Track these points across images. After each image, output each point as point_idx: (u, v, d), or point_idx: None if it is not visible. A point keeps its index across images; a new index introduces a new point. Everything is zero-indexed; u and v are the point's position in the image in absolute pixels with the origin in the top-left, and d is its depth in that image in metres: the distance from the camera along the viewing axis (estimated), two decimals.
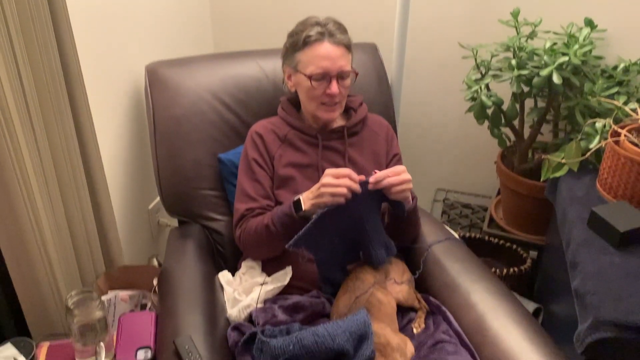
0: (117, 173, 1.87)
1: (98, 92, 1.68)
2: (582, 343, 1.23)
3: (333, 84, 1.55)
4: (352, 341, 1.26)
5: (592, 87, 1.80)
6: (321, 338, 1.23)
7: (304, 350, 1.23)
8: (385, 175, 1.40)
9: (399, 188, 1.41)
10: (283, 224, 1.46)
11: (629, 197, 1.53)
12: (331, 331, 1.25)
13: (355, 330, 1.27)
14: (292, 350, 1.23)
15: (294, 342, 1.23)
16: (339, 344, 1.23)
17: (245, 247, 1.59)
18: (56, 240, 1.49)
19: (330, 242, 1.43)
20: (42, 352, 1.44)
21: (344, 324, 1.28)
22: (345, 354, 1.25)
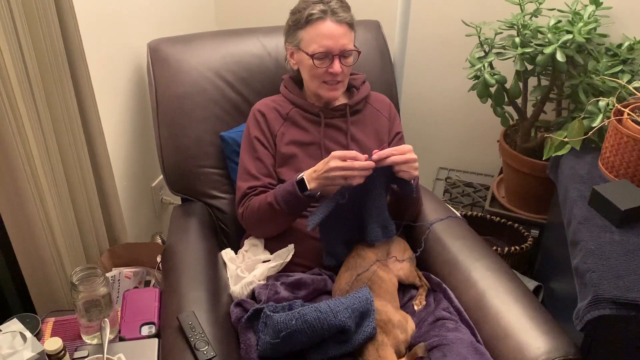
0: (120, 151, 1.87)
1: (100, 70, 1.68)
2: (582, 320, 1.24)
3: (335, 63, 1.54)
4: (354, 318, 1.27)
5: (596, 65, 1.79)
6: (323, 314, 1.24)
7: (306, 325, 1.24)
8: (389, 153, 1.39)
9: (404, 167, 1.41)
10: (287, 202, 1.46)
11: (630, 176, 1.53)
12: (333, 307, 1.26)
13: (358, 307, 1.28)
14: (294, 325, 1.24)
15: (297, 317, 1.25)
16: (341, 320, 1.24)
17: (249, 225, 1.59)
18: (60, 217, 1.50)
19: (336, 217, 1.44)
20: (47, 328, 1.46)
21: (347, 300, 1.29)
22: (347, 330, 1.26)
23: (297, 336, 1.25)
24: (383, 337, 1.27)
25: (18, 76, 1.29)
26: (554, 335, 1.28)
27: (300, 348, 1.29)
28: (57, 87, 1.42)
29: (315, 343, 1.29)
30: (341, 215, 1.46)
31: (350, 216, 1.48)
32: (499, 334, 1.33)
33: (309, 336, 1.25)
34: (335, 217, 1.45)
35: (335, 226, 1.48)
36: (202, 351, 1.24)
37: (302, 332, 1.24)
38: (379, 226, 1.49)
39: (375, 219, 1.48)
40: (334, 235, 1.50)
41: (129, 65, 1.86)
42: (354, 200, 1.44)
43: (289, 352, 1.30)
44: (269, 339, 1.27)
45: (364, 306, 1.30)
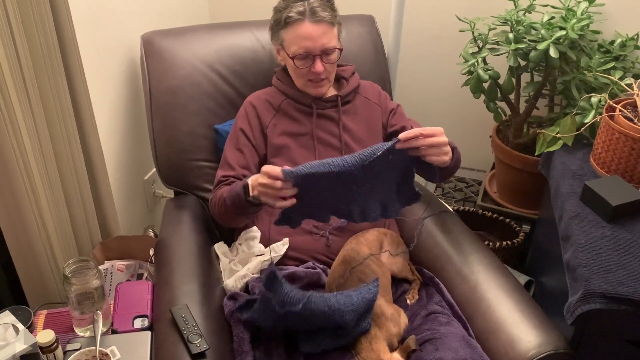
0: (112, 144, 1.86)
1: (94, 63, 1.67)
2: (572, 314, 1.25)
3: (317, 63, 1.54)
4: (355, 319, 1.27)
5: (588, 61, 1.80)
6: (332, 310, 1.23)
7: (310, 314, 1.22)
8: (417, 133, 1.24)
9: (431, 151, 1.27)
10: (234, 203, 1.43)
11: (622, 172, 1.54)
12: (342, 307, 1.24)
13: (363, 311, 1.28)
14: (300, 309, 1.21)
15: (304, 302, 1.21)
16: (346, 321, 1.24)
17: (213, 214, 1.58)
18: (53, 210, 1.49)
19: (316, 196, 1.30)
20: (40, 320, 1.46)
21: (356, 301, 1.26)
22: (346, 327, 1.26)
23: (299, 318, 1.24)
24: (376, 331, 1.28)
25: (11, 69, 1.28)
26: (544, 329, 1.29)
27: (296, 328, 1.30)
28: (50, 80, 1.41)
29: (311, 331, 1.29)
30: (322, 198, 1.31)
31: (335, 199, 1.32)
32: (491, 328, 1.34)
33: (308, 323, 1.25)
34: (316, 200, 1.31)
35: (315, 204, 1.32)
36: (194, 344, 1.24)
37: (306, 318, 1.23)
38: (377, 208, 1.36)
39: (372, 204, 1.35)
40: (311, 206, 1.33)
41: (122, 58, 1.85)
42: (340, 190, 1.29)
43: (280, 331, 1.31)
44: (274, 304, 1.23)
45: (367, 308, 1.30)
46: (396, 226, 1.70)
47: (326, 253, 1.54)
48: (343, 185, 1.27)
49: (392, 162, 1.27)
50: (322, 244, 1.54)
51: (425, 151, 1.26)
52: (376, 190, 1.31)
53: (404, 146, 1.25)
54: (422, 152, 1.26)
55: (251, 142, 1.60)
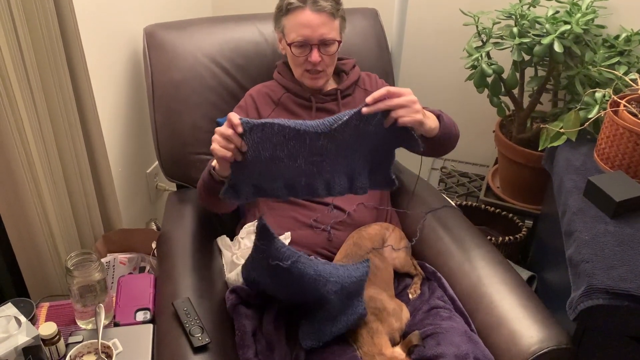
0: (115, 137, 1.86)
1: (96, 55, 1.67)
2: (575, 310, 1.25)
3: (313, 53, 1.53)
4: (340, 294, 1.26)
5: (593, 56, 1.79)
6: (317, 274, 1.21)
7: (297, 273, 1.20)
8: (383, 94, 1.20)
9: (401, 112, 1.21)
10: (204, 182, 1.40)
11: (625, 167, 1.53)
12: (327, 275, 1.23)
13: (348, 286, 1.27)
14: (287, 265, 1.19)
15: (294, 259, 1.20)
16: (327, 291, 1.23)
17: (199, 200, 1.54)
18: (55, 203, 1.49)
19: (270, 165, 1.22)
20: (42, 313, 1.46)
21: (341, 274, 1.25)
22: (328, 302, 1.25)
23: (285, 277, 1.22)
24: (378, 325, 1.28)
25: (14, 61, 1.28)
26: (547, 324, 1.29)
27: (279, 294, 1.31)
28: (53, 72, 1.41)
29: (294, 299, 1.30)
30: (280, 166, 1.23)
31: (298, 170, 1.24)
32: (493, 323, 1.34)
33: (294, 286, 1.25)
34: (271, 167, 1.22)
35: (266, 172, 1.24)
36: (196, 337, 1.24)
37: (292, 277, 1.21)
38: (343, 178, 1.29)
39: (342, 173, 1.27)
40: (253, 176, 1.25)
41: (125, 50, 1.84)
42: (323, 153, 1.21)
43: (267, 292, 1.33)
44: (267, 256, 1.21)
45: (353, 287, 1.28)
46: (398, 221, 1.69)
47: (328, 247, 1.53)
48: (303, 155, 1.20)
49: (364, 133, 1.21)
50: (324, 238, 1.54)
51: (395, 113, 1.21)
52: (343, 163, 1.25)
53: (372, 109, 1.19)
54: (393, 114, 1.21)
55: None
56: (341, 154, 1.23)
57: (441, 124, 1.41)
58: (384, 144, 1.26)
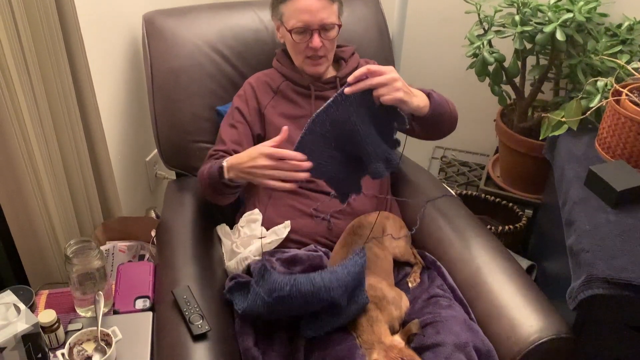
0: (114, 125, 1.85)
1: (95, 43, 1.65)
2: (575, 299, 1.25)
3: (315, 38, 1.52)
4: (347, 293, 1.27)
5: (595, 45, 1.78)
6: (316, 288, 1.23)
7: (299, 295, 1.22)
8: (363, 73, 1.22)
9: (382, 90, 1.23)
10: (212, 182, 1.42)
11: (627, 157, 1.53)
12: (327, 283, 1.24)
13: (351, 283, 1.28)
14: (287, 291, 1.22)
15: (291, 284, 1.22)
16: (333, 297, 1.24)
17: (199, 187, 1.55)
18: (54, 191, 1.49)
19: (330, 159, 1.31)
20: (41, 300, 1.46)
21: (341, 275, 1.26)
22: (339, 304, 1.26)
23: (289, 302, 1.24)
24: (377, 314, 1.28)
25: (12, 50, 1.27)
26: (546, 313, 1.29)
27: (291, 314, 1.30)
28: (52, 61, 1.40)
29: (308, 313, 1.29)
30: (337, 158, 1.31)
31: (348, 156, 1.32)
32: (492, 312, 1.34)
33: (301, 305, 1.25)
34: (333, 164, 1.32)
35: (337, 172, 1.33)
36: (196, 325, 1.24)
37: (295, 299, 1.23)
38: (381, 160, 1.33)
39: (374, 156, 1.31)
40: (339, 180, 1.36)
41: (124, 37, 1.83)
42: (343, 141, 1.28)
43: (278, 318, 1.31)
44: (263, 295, 1.25)
45: (356, 280, 1.29)
46: (398, 209, 1.69)
47: (328, 236, 1.53)
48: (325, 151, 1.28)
49: (361, 114, 1.25)
50: (324, 227, 1.54)
51: (376, 92, 1.23)
52: (369, 147, 1.29)
53: (353, 89, 1.22)
54: (375, 93, 1.23)
55: (246, 120, 1.59)
56: (354, 140, 1.27)
57: (431, 102, 1.40)
58: (381, 125, 1.29)
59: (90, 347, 1.29)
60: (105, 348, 1.28)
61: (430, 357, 1.23)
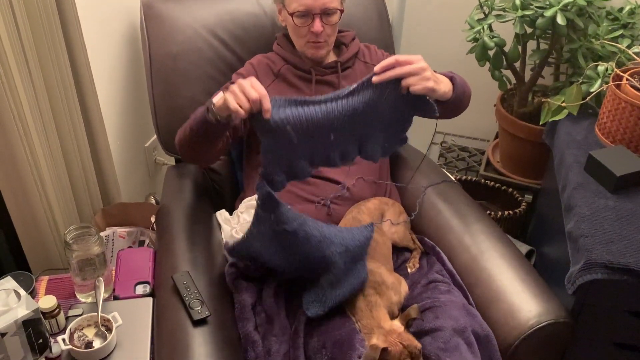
0: (113, 110, 1.85)
1: (93, 28, 1.64)
2: (574, 284, 1.25)
3: (316, 22, 1.51)
4: (344, 256, 1.27)
5: (596, 29, 1.77)
6: (322, 236, 1.24)
7: (303, 235, 1.23)
8: (393, 62, 1.20)
9: (412, 80, 1.20)
10: (195, 122, 1.37)
11: (627, 142, 1.53)
12: (332, 237, 1.25)
13: (352, 249, 1.28)
14: (294, 227, 1.22)
15: (300, 221, 1.23)
16: (333, 253, 1.24)
17: (177, 146, 1.50)
18: (53, 177, 1.49)
19: (291, 146, 1.22)
20: (41, 286, 1.47)
21: (346, 236, 1.28)
22: (332, 264, 1.26)
23: (291, 240, 1.24)
24: (377, 298, 1.28)
25: (9, 34, 1.26)
26: (545, 298, 1.29)
27: (284, 262, 1.31)
28: (49, 46, 1.39)
29: (298, 265, 1.31)
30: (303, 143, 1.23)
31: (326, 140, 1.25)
32: (491, 297, 1.34)
33: (300, 250, 1.26)
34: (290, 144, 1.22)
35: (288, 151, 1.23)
36: (196, 310, 1.24)
37: (298, 239, 1.23)
38: (379, 145, 1.31)
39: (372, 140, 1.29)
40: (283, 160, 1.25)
41: (122, 22, 1.82)
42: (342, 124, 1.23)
43: (267, 264, 1.33)
44: (272, 221, 1.23)
45: (358, 251, 1.30)
46: (398, 195, 1.69)
47: (327, 222, 1.53)
48: (319, 132, 1.22)
49: (380, 103, 1.22)
50: (324, 212, 1.54)
51: (405, 81, 1.20)
52: (361, 134, 1.27)
53: (381, 78, 1.19)
54: (404, 83, 1.20)
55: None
56: (356, 127, 1.24)
57: (455, 86, 1.38)
58: (399, 114, 1.26)
59: (90, 333, 1.30)
60: (105, 333, 1.29)
61: (429, 341, 1.24)
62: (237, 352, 1.27)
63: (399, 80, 1.21)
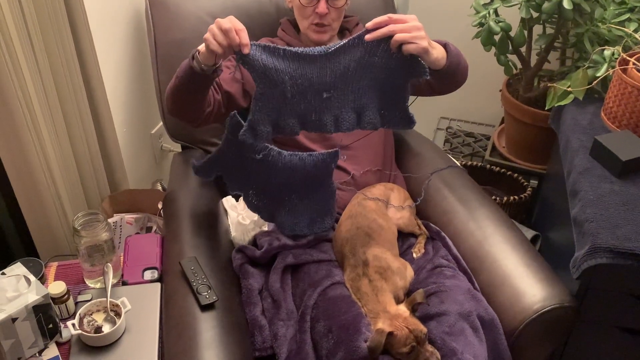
0: (119, 97, 1.85)
1: (98, 14, 1.64)
2: (578, 269, 1.25)
3: (321, 3, 1.50)
4: (307, 180, 1.39)
5: (602, 13, 1.75)
6: (284, 166, 1.35)
7: (266, 165, 1.35)
8: (385, 20, 1.18)
9: (406, 37, 1.18)
10: (181, 73, 1.34)
11: (633, 127, 1.52)
12: (293, 167, 1.36)
13: (312, 172, 1.38)
14: (259, 158, 1.34)
15: (264, 152, 1.33)
16: (295, 178, 1.38)
17: (165, 98, 1.46)
18: (61, 164, 1.50)
19: (281, 99, 1.24)
20: (51, 272, 1.48)
21: (308, 163, 1.37)
22: (295, 187, 1.40)
23: (253, 166, 1.36)
24: (382, 283, 1.29)
25: (16, 22, 1.27)
26: (550, 283, 1.30)
27: (242, 178, 1.43)
28: (55, 33, 1.40)
29: (260, 184, 1.42)
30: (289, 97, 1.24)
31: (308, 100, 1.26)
32: (496, 282, 1.35)
33: (260, 173, 1.38)
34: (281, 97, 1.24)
35: (278, 104, 1.25)
36: (204, 295, 1.26)
37: (260, 166, 1.36)
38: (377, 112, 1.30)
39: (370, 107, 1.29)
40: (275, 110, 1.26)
41: (127, 10, 1.82)
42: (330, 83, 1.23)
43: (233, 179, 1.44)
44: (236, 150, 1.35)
45: (321, 170, 1.39)
46: (403, 181, 1.70)
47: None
48: (312, 90, 1.23)
49: (370, 64, 1.22)
50: None
51: (399, 37, 1.17)
52: (351, 98, 1.26)
53: (374, 35, 1.18)
54: (397, 38, 1.17)
55: (242, 74, 1.53)
56: (349, 89, 1.25)
57: (449, 53, 1.36)
58: (392, 76, 1.25)
59: (100, 318, 1.32)
60: (114, 318, 1.30)
61: (435, 325, 1.25)
62: (244, 336, 1.28)
63: (391, 39, 1.19)
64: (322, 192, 1.42)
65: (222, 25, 1.18)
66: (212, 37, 1.20)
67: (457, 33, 2.24)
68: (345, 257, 1.39)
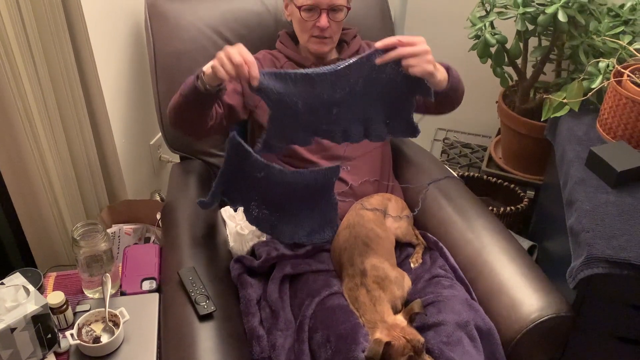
0: (118, 108, 1.86)
1: (98, 26, 1.65)
2: (575, 278, 1.26)
3: (322, 17, 1.52)
4: (315, 194, 1.38)
5: (597, 25, 1.77)
6: (286, 183, 1.35)
7: (268, 182, 1.35)
8: (395, 42, 1.21)
9: (413, 61, 1.21)
10: (184, 91, 1.36)
11: (627, 138, 1.54)
12: (295, 183, 1.36)
13: (313, 185, 1.37)
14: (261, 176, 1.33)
15: (266, 171, 1.32)
16: (297, 196, 1.38)
17: (168, 113, 1.48)
18: (60, 174, 1.51)
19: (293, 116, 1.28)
20: (49, 282, 1.49)
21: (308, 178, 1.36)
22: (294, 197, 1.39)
23: (255, 183, 1.35)
24: (380, 293, 1.30)
25: (16, 32, 1.28)
26: (546, 292, 1.30)
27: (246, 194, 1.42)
28: (55, 43, 1.41)
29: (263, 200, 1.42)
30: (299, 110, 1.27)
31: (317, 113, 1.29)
32: (493, 291, 1.36)
33: (261, 188, 1.38)
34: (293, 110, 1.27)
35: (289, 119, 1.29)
36: (202, 305, 1.26)
37: (260, 182, 1.35)
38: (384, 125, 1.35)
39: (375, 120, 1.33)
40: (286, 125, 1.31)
41: (127, 21, 1.83)
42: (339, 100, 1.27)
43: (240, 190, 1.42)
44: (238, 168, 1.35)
45: (320, 187, 1.38)
46: (401, 191, 1.70)
47: None
48: (323, 107, 1.27)
49: (378, 81, 1.25)
50: None
51: (406, 61, 1.21)
52: (360, 111, 1.30)
53: (384, 59, 1.21)
54: (404, 63, 1.21)
55: (242, 88, 1.55)
56: (357, 103, 1.28)
57: (450, 76, 1.39)
58: (398, 90, 1.28)
59: (98, 328, 1.32)
60: (113, 328, 1.30)
61: (432, 335, 1.25)
62: (243, 346, 1.28)
63: (399, 61, 1.22)
64: (323, 204, 1.42)
65: (232, 58, 1.19)
66: (220, 66, 1.21)
67: (453, 45, 2.26)
68: (343, 266, 1.40)
